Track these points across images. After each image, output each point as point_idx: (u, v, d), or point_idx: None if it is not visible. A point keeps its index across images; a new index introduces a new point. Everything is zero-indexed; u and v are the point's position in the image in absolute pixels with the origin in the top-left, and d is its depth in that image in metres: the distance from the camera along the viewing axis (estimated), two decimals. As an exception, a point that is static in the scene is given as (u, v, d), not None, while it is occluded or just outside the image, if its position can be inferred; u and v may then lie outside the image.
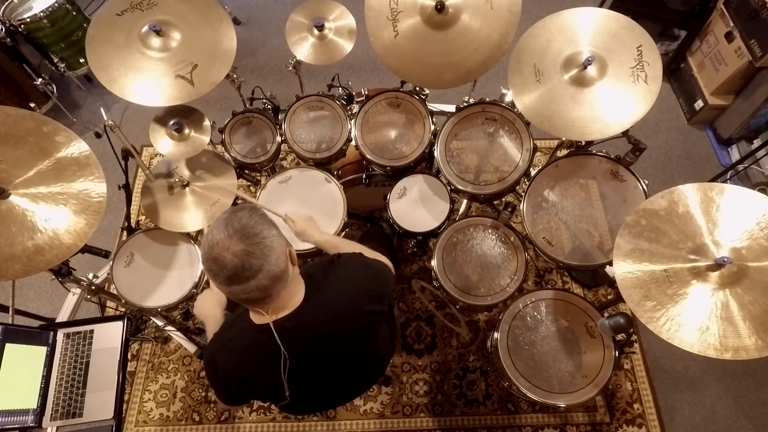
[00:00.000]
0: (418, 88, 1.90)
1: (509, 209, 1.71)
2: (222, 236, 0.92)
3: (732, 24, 2.45)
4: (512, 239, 1.75)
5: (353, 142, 1.86)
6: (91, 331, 1.61)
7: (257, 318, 1.06)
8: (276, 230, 1.00)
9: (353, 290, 1.15)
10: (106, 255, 1.67)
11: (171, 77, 1.55)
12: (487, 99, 1.79)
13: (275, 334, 1.03)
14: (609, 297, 2.29)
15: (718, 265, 1.14)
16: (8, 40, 2.44)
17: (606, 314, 1.52)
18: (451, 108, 1.99)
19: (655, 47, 1.45)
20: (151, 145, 2.08)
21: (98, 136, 2.77)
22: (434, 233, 1.81)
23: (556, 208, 1.69)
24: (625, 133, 1.55)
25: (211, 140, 1.74)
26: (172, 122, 1.66)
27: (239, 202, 1.82)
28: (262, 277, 0.94)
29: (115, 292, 1.72)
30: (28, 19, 2.41)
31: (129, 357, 2.16)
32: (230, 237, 0.92)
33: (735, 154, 2.68)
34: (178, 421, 2.06)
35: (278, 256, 0.97)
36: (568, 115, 1.49)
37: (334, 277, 1.15)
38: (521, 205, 1.69)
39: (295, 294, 1.07)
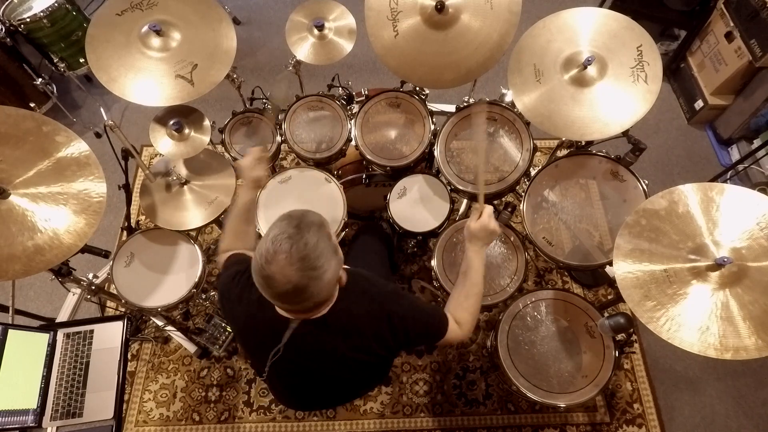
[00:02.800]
0: (418, 88, 1.90)
1: (509, 209, 1.70)
2: (282, 256, 0.89)
3: (732, 24, 2.45)
4: (512, 239, 1.75)
5: (353, 142, 1.86)
6: (91, 331, 1.61)
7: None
8: (336, 258, 0.97)
9: (370, 327, 1.10)
10: (106, 255, 1.67)
11: (171, 77, 1.55)
12: (487, 99, 1.79)
13: (288, 331, 1.05)
14: (609, 297, 2.29)
15: (718, 265, 1.15)
16: (8, 40, 2.44)
17: (606, 314, 1.52)
18: (451, 108, 1.99)
19: (655, 47, 1.45)
20: (151, 145, 2.08)
21: (98, 136, 2.77)
22: (434, 233, 1.81)
23: (556, 208, 1.69)
24: (625, 133, 1.55)
25: (211, 140, 1.74)
26: (172, 122, 1.66)
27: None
28: (308, 302, 0.96)
29: (115, 292, 1.72)
30: (28, 19, 2.41)
31: (129, 357, 2.16)
32: (291, 263, 0.89)
33: (735, 154, 2.68)
34: (178, 421, 2.06)
35: (331, 284, 0.98)
36: (568, 115, 1.49)
37: (358, 303, 1.10)
38: (521, 205, 1.69)
39: (319, 312, 1.06)
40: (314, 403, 1.42)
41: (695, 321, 1.14)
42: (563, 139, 1.98)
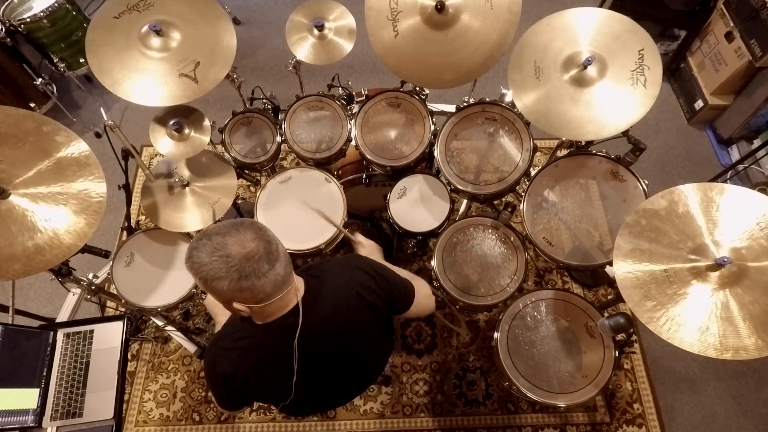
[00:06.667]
0: (418, 88, 1.90)
1: (509, 209, 1.71)
2: (233, 232, 0.94)
3: (732, 24, 2.45)
4: (512, 239, 1.75)
5: (353, 142, 1.86)
6: (91, 331, 1.61)
7: (259, 318, 1.06)
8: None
9: (353, 284, 1.16)
10: (106, 255, 1.67)
11: (174, 76, 1.55)
12: (487, 99, 1.79)
13: (300, 314, 1.04)
14: (609, 297, 2.30)
15: (718, 265, 1.14)
16: (8, 40, 2.45)
17: (606, 314, 1.51)
18: (451, 108, 1.99)
19: (657, 52, 1.44)
20: (151, 145, 2.08)
21: (98, 136, 2.77)
22: (434, 233, 1.81)
23: (556, 208, 1.69)
24: (625, 133, 1.55)
25: (211, 140, 1.74)
26: (172, 122, 1.66)
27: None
28: (283, 258, 0.98)
29: (115, 292, 1.72)
30: (28, 19, 2.41)
31: (129, 357, 2.16)
32: (241, 231, 0.94)
33: (735, 154, 2.68)
34: (178, 421, 2.06)
35: (287, 257, 1.01)
36: (565, 114, 1.49)
37: (334, 272, 1.17)
38: (521, 205, 1.69)
39: (297, 289, 1.08)
40: (353, 386, 1.39)
41: (695, 321, 1.14)
42: (563, 139, 1.98)
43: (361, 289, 1.16)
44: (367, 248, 1.54)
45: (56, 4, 2.45)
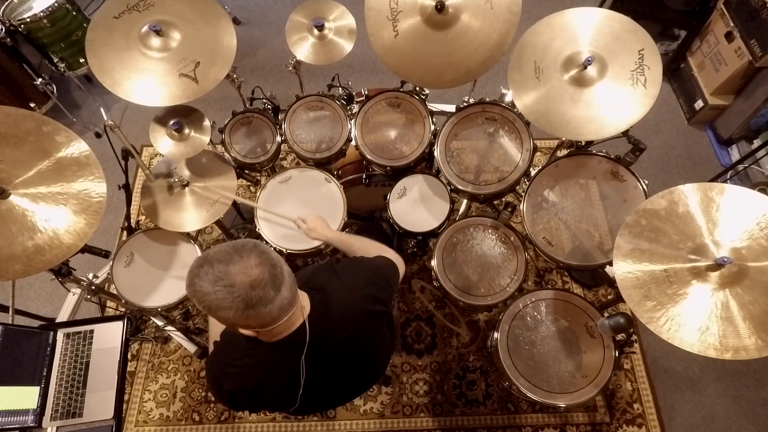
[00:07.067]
0: (418, 88, 1.90)
1: (509, 209, 1.71)
2: (236, 260, 0.90)
3: (732, 24, 2.45)
4: (512, 239, 1.75)
5: (353, 142, 1.86)
6: (91, 331, 1.61)
7: (265, 336, 1.04)
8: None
9: (357, 295, 1.15)
10: (106, 255, 1.66)
11: (174, 76, 1.55)
12: (487, 99, 1.79)
13: (308, 334, 1.02)
14: (609, 297, 2.30)
15: (718, 265, 1.14)
16: (8, 40, 2.44)
17: (606, 314, 1.52)
18: (451, 108, 1.99)
19: (657, 52, 1.44)
20: (151, 145, 2.08)
21: (98, 136, 2.77)
22: (434, 233, 1.81)
23: (556, 208, 1.69)
24: (625, 133, 1.55)
25: (211, 140, 1.74)
26: (172, 122, 1.66)
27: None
28: (288, 279, 0.94)
29: (115, 292, 1.72)
30: (28, 19, 2.41)
31: (129, 357, 2.16)
32: (245, 257, 0.90)
33: (735, 154, 2.68)
34: (178, 421, 2.06)
35: (291, 276, 0.99)
36: (565, 114, 1.49)
37: (336, 285, 1.15)
38: (521, 205, 1.69)
39: (303, 307, 1.06)
40: (355, 390, 1.37)
41: (695, 321, 1.14)
42: (563, 139, 1.98)
43: (366, 303, 1.15)
44: (310, 223, 1.60)
45: (56, 4, 2.44)
